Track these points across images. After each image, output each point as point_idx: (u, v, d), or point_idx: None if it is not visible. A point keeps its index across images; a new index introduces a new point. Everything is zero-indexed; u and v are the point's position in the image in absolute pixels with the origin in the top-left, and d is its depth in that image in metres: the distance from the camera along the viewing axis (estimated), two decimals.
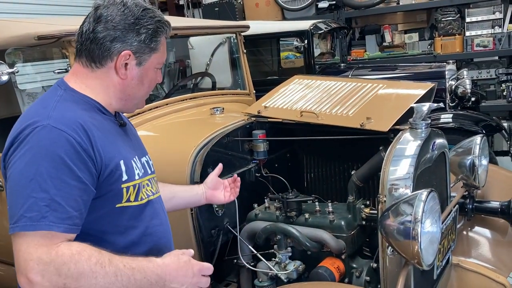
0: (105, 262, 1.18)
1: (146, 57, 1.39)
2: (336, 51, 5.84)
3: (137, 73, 1.40)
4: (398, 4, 5.97)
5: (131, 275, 1.21)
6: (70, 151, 1.21)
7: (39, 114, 1.26)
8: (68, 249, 1.17)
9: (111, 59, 1.36)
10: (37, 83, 3.26)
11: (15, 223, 1.17)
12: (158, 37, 1.39)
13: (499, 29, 5.54)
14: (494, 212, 2.29)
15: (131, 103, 1.46)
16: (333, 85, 2.51)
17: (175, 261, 1.29)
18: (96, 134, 1.29)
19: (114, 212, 1.34)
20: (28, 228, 1.15)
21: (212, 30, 3.14)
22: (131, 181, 1.36)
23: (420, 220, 1.51)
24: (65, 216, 1.18)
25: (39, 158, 1.19)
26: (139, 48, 1.36)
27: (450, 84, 4.26)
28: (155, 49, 1.40)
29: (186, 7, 7.11)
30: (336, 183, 2.45)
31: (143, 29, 1.36)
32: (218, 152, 2.17)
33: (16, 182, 1.20)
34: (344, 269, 1.97)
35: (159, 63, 1.44)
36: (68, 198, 1.19)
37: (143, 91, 1.45)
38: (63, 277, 1.14)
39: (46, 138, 1.20)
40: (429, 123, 1.89)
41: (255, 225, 2.12)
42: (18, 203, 1.18)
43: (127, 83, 1.40)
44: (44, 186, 1.17)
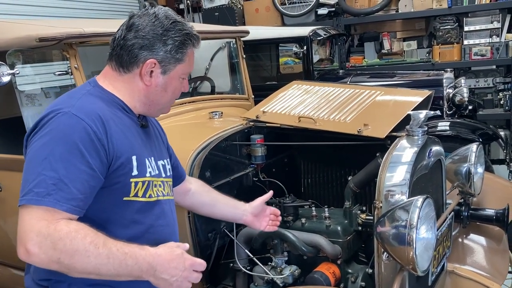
0: (100, 243, 1.23)
1: (171, 66, 1.45)
2: (335, 57, 5.87)
3: (161, 81, 1.46)
4: (397, 12, 6.01)
5: (123, 260, 1.25)
6: (84, 138, 1.28)
7: (64, 103, 1.35)
8: (66, 226, 1.22)
9: (137, 65, 1.44)
10: (37, 85, 3.26)
11: (23, 196, 1.24)
12: (185, 49, 1.45)
13: (497, 39, 5.58)
14: (489, 219, 2.30)
15: (154, 109, 1.53)
16: (331, 91, 2.52)
17: (168, 252, 1.31)
18: (113, 127, 1.36)
19: (120, 204, 1.39)
20: (34, 202, 1.22)
21: (213, 35, 3.16)
22: (141, 177, 1.42)
23: (415, 226, 1.53)
24: (70, 197, 1.24)
25: (55, 140, 1.27)
26: (165, 57, 1.43)
27: (447, 92, 4.28)
28: (180, 60, 1.46)
29: (186, 11, 7.13)
30: (333, 188, 2.46)
31: (170, 40, 1.43)
32: (216, 156, 2.19)
33: (31, 160, 1.28)
34: (339, 274, 1.98)
35: (184, 73, 1.51)
36: (75, 180, 1.26)
37: (166, 98, 1.52)
38: (58, 252, 1.20)
39: (65, 124, 1.29)
40: (425, 131, 1.90)
41: (251, 229, 2.12)
42: (29, 179, 1.25)
43: (151, 90, 1.47)
44: (54, 166, 1.24)
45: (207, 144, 2.17)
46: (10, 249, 2.53)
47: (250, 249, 2.14)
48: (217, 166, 2.20)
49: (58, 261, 1.20)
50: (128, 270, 1.26)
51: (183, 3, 7.17)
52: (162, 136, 1.71)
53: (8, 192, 2.45)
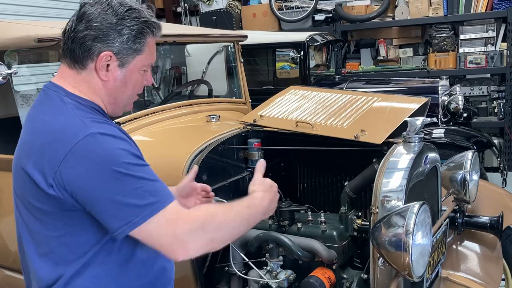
0: (228, 208, 1.35)
1: (129, 58, 1.34)
2: (331, 63, 5.91)
3: (120, 75, 1.35)
4: (394, 19, 6.06)
5: (248, 212, 1.39)
6: (126, 144, 1.28)
7: (72, 126, 1.25)
8: (198, 211, 1.31)
9: (92, 59, 1.31)
10: (32, 85, 3.26)
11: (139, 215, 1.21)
12: (143, 38, 1.34)
13: (492, 47, 5.64)
14: (483, 227, 2.31)
15: (119, 107, 1.43)
16: (328, 96, 2.54)
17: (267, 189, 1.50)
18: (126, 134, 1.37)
19: None
20: (157, 209, 1.22)
21: (211, 38, 3.17)
22: None
23: (411, 232, 1.53)
24: (165, 186, 1.29)
25: (111, 158, 1.21)
26: (121, 49, 1.32)
27: (442, 99, 4.32)
28: (139, 51, 1.34)
29: (184, 14, 7.15)
30: (329, 193, 2.47)
31: (126, 29, 1.31)
32: (213, 159, 2.19)
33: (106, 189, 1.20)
34: (334, 279, 1.98)
35: (145, 65, 1.39)
36: (155, 175, 1.29)
37: (127, 94, 1.40)
38: (210, 232, 1.27)
39: (103, 141, 1.23)
40: (422, 137, 1.91)
41: (247, 233, 2.13)
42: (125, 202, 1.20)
43: (110, 86, 1.36)
44: (137, 175, 1.23)
45: (204, 147, 2.17)
46: (4, 250, 2.52)
47: (245, 253, 2.13)
48: (214, 169, 2.20)
49: (212, 240, 1.27)
50: (254, 219, 1.41)
51: (180, 7, 7.19)
52: None
53: (4, 193, 2.43)
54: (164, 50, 4.52)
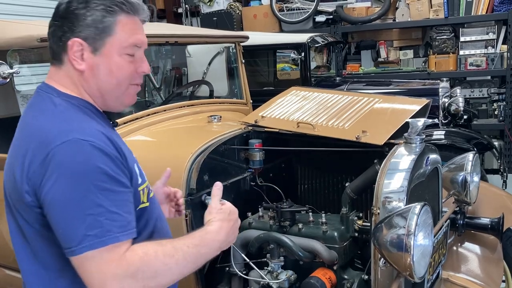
0: (171, 251, 1.20)
1: (100, 42, 1.24)
2: (331, 64, 5.92)
3: (96, 62, 1.26)
4: (394, 21, 6.07)
5: (197, 252, 1.25)
6: (106, 160, 1.17)
7: (56, 128, 1.18)
8: (135, 255, 1.16)
9: (65, 51, 1.25)
10: (33, 85, 3.27)
11: (79, 244, 1.13)
12: (110, 17, 1.24)
13: (492, 50, 5.64)
14: (484, 228, 2.32)
15: (109, 100, 1.32)
16: (329, 97, 2.54)
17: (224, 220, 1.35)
18: (115, 139, 1.26)
19: (136, 215, 1.30)
20: (97, 245, 1.12)
21: (213, 39, 3.18)
22: (143, 183, 1.35)
23: (413, 233, 1.54)
24: (125, 223, 1.18)
25: (81, 174, 1.14)
26: (89, 33, 1.23)
27: (443, 101, 4.32)
28: (108, 32, 1.24)
29: (185, 15, 7.15)
30: (330, 194, 2.47)
31: (90, 11, 1.22)
32: (214, 160, 2.19)
33: (65, 206, 1.14)
34: (335, 280, 1.98)
35: (125, 47, 1.27)
36: (121, 205, 1.18)
37: (112, 83, 1.29)
38: (141, 281, 1.15)
39: (80, 152, 1.15)
40: (423, 138, 1.92)
41: (248, 234, 2.13)
42: (75, 225, 1.13)
43: (89, 76, 1.27)
44: (97, 201, 1.13)
45: (205, 147, 2.17)
46: (4, 249, 2.52)
47: (246, 253, 2.13)
48: (215, 170, 2.20)
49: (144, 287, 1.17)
50: (204, 257, 1.28)
51: (181, 7, 7.20)
52: None
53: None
54: (165, 50, 4.52)
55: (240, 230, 2.17)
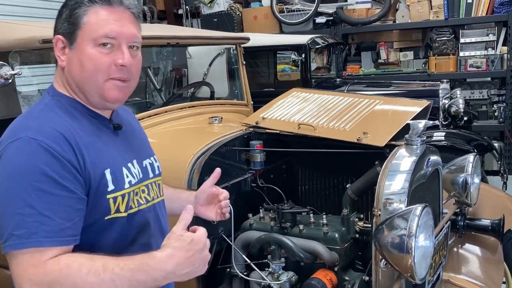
0: (99, 269, 1.10)
1: (73, 36, 1.25)
2: (332, 66, 5.93)
3: (72, 56, 1.27)
4: (394, 23, 6.08)
5: (131, 277, 1.12)
6: (51, 161, 1.14)
7: (19, 127, 1.20)
8: (56, 265, 1.10)
9: (53, 49, 1.30)
10: (34, 86, 3.27)
11: (5, 242, 1.11)
12: (78, 10, 1.25)
13: (492, 51, 5.66)
14: (484, 229, 2.32)
15: (90, 95, 1.29)
16: (330, 99, 2.55)
17: (179, 248, 1.15)
18: (80, 142, 1.22)
19: (102, 225, 1.26)
20: (18, 246, 1.09)
21: (214, 40, 3.18)
22: (119, 191, 1.27)
23: (414, 234, 1.54)
24: (57, 229, 1.12)
25: (19, 172, 1.12)
26: (64, 29, 1.26)
27: (443, 103, 4.33)
28: (77, 24, 1.24)
29: (185, 16, 7.16)
30: (331, 196, 2.47)
31: (66, 7, 1.28)
32: (215, 161, 2.19)
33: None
34: (336, 281, 1.99)
35: (95, 38, 1.24)
36: (57, 209, 1.12)
37: (86, 75, 1.26)
38: None
39: (24, 151, 1.14)
40: (424, 140, 1.92)
41: (249, 235, 2.14)
42: (5, 222, 1.11)
43: (67, 70, 1.28)
44: (29, 201, 1.10)
45: (207, 149, 2.17)
46: None
47: (247, 254, 2.14)
48: None
49: None
50: (142, 285, 1.13)
51: (182, 9, 7.21)
52: (141, 129, 1.56)
53: None
54: (166, 52, 4.53)
55: (241, 232, 2.18)
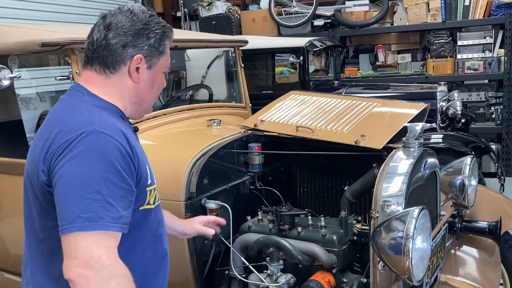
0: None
1: (155, 60, 1.45)
2: (330, 68, 5.94)
3: (148, 77, 1.46)
4: (392, 25, 6.11)
5: None
6: (117, 155, 1.27)
7: (79, 121, 1.31)
8: (124, 267, 1.23)
9: (124, 63, 1.41)
10: (32, 89, 3.28)
11: (71, 223, 1.20)
12: (165, 41, 1.46)
13: (490, 54, 5.68)
14: (482, 232, 2.33)
15: (142, 108, 1.52)
16: (328, 101, 2.56)
17: None
18: (131, 139, 1.36)
19: (137, 214, 1.39)
20: (87, 228, 1.20)
21: (212, 43, 3.20)
22: (152, 185, 1.44)
23: (411, 236, 1.55)
24: (118, 216, 1.24)
25: (91, 161, 1.24)
26: (150, 52, 1.43)
27: (441, 105, 4.34)
28: (163, 53, 1.46)
29: (183, 19, 7.18)
30: (329, 198, 2.48)
31: (152, 33, 1.42)
32: (214, 164, 2.20)
33: (68, 184, 1.24)
34: (334, 283, 2.00)
35: (166, 66, 1.50)
36: (118, 199, 1.25)
37: (153, 94, 1.52)
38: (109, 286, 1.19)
39: (96, 143, 1.26)
40: (421, 143, 1.94)
41: (248, 237, 2.15)
42: (72, 204, 1.22)
43: (140, 87, 1.46)
44: (97, 188, 1.22)
45: (205, 151, 2.18)
46: (4, 253, 2.53)
47: (245, 256, 2.15)
48: (215, 173, 2.21)
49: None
50: None
51: (180, 11, 7.22)
52: None
53: (5, 196, 2.44)
54: None
55: (240, 234, 2.19)
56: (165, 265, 1.57)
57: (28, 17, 5.27)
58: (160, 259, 1.53)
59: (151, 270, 1.49)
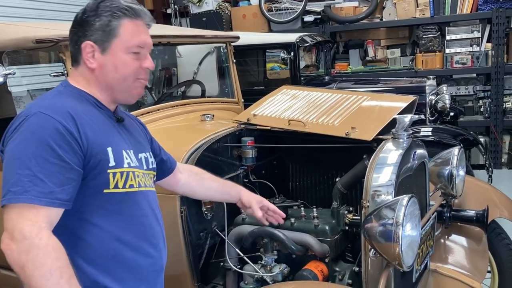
0: (65, 275, 1.23)
1: (107, 43, 1.44)
2: (320, 64, 5.98)
3: (104, 61, 1.45)
4: (381, 20, 6.16)
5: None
6: (54, 133, 1.31)
7: (35, 105, 1.39)
8: (47, 238, 1.24)
9: (80, 53, 1.47)
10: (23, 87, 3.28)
11: (3, 197, 1.27)
12: (115, 21, 1.44)
13: (477, 48, 5.76)
14: (470, 220, 2.38)
15: (118, 93, 1.51)
16: (319, 96, 2.60)
17: None
18: (85, 121, 1.38)
19: (101, 196, 1.40)
20: (13, 200, 1.25)
21: (204, 39, 3.22)
22: (119, 168, 1.43)
23: (401, 223, 1.60)
24: (47, 191, 1.27)
25: (26, 140, 1.30)
26: (98, 36, 1.44)
27: (430, 99, 4.40)
28: (114, 34, 1.44)
29: (174, 16, 7.18)
30: (321, 189, 2.53)
31: (97, 18, 1.44)
32: (208, 157, 2.24)
33: (6, 162, 1.32)
34: (327, 272, 2.05)
35: (129, 46, 1.46)
36: (50, 175, 1.28)
37: (119, 77, 1.47)
38: (28, 259, 1.20)
39: (34, 123, 1.32)
40: (410, 134, 1.98)
41: (242, 229, 2.19)
42: (6, 180, 1.29)
43: (99, 73, 1.47)
44: (27, 164, 1.27)
45: (199, 145, 2.21)
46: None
47: (240, 248, 2.19)
48: (209, 167, 2.23)
49: (22, 267, 1.21)
50: None
51: (170, 8, 7.22)
52: (142, 130, 1.73)
53: None
54: (157, 51, 4.55)
55: (234, 226, 2.23)
56: (149, 255, 1.51)
57: (22, 15, 5.25)
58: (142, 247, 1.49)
59: (127, 257, 1.46)
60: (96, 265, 1.40)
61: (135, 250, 1.47)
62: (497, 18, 5.53)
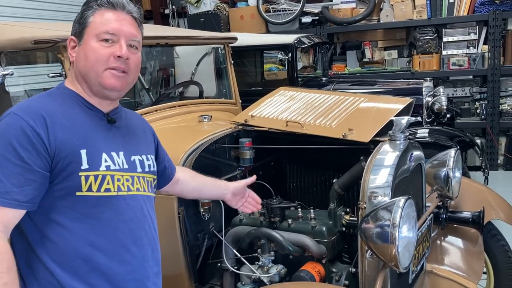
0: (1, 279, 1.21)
1: (81, 35, 1.47)
2: (318, 65, 6.00)
3: (81, 50, 1.47)
4: (379, 22, 6.18)
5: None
6: (19, 134, 1.31)
7: (15, 106, 1.40)
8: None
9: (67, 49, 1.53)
10: (20, 87, 3.28)
11: None
12: (86, 12, 1.47)
13: (474, 50, 5.79)
14: (466, 222, 2.39)
15: (91, 83, 1.46)
16: (317, 97, 2.61)
17: None
18: (59, 122, 1.37)
19: (73, 199, 1.37)
20: None
21: (202, 40, 3.23)
22: (93, 171, 1.39)
23: (397, 225, 1.61)
24: (3, 191, 1.28)
25: None
26: (76, 29, 1.49)
27: (427, 100, 4.41)
28: (84, 24, 1.46)
29: (172, 16, 7.18)
30: (318, 191, 2.54)
31: (78, 14, 1.50)
32: (206, 158, 2.24)
33: None
34: (324, 273, 2.05)
35: (97, 34, 1.44)
36: (10, 175, 1.29)
37: (89, 65, 1.44)
38: None
39: (5, 123, 1.34)
40: (407, 136, 1.99)
41: (239, 230, 2.19)
42: None
43: (76, 64, 1.49)
44: None
45: (197, 146, 2.22)
46: None
47: (237, 249, 2.19)
48: (207, 168, 2.25)
49: None
50: None
51: (168, 9, 7.22)
52: (146, 133, 1.70)
53: None
54: (155, 52, 4.55)
55: (231, 227, 2.24)
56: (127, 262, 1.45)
57: (20, 15, 5.25)
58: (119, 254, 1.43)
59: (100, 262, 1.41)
60: (65, 267, 1.37)
61: (110, 256, 1.42)
62: (494, 20, 5.56)
